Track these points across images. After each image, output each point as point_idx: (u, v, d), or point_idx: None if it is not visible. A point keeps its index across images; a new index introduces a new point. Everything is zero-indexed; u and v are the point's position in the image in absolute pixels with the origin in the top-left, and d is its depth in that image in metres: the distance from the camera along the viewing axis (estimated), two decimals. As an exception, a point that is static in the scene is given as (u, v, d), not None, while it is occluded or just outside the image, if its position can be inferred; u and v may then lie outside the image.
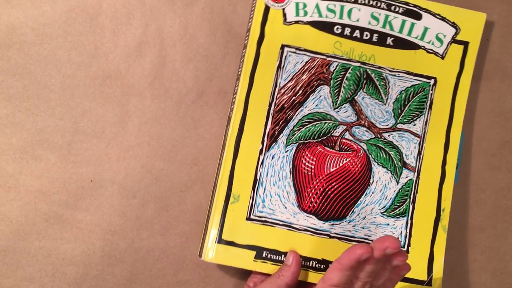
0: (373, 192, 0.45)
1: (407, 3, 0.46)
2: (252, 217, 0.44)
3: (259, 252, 0.43)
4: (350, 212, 0.45)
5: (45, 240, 0.45)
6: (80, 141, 0.46)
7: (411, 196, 0.45)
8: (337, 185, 0.45)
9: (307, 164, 0.45)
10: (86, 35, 0.46)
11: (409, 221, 0.45)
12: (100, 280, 0.46)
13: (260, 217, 0.44)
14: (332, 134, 0.45)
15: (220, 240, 0.43)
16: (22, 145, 0.46)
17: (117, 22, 0.47)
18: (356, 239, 0.44)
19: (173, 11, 0.47)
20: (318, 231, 0.44)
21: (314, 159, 0.45)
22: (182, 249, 0.46)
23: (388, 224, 0.45)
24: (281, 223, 0.44)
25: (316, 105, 0.45)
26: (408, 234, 0.45)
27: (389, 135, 0.45)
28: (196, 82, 0.47)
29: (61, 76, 0.46)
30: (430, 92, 0.46)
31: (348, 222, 0.44)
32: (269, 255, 0.43)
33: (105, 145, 0.46)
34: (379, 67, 0.45)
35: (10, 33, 0.45)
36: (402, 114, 0.46)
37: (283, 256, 0.43)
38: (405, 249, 0.45)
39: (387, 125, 0.45)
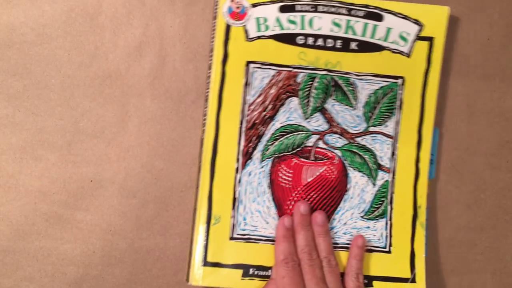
0: (351, 197, 0.45)
1: (366, 6, 0.45)
2: (235, 236, 0.44)
3: (246, 270, 0.43)
4: (331, 220, 0.45)
5: (45, 240, 0.45)
6: (80, 141, 0.46)
7: (388, 197, 0.45)
8: (315, 195, 0.45)
9: (284, 177, 0.45)
10: (86, 35, 0.46)
11: (389, 222, 0.45)
12: (100, 280, 0.46)
13: (243, 235, 0.44)
14: (306, 145, 0.45)
15: (205, 263, 0.43)
16: (22, 145, 0.46)
17: (117, 22, 0.46)
18: (339, 245, 0.45)
19: (173, 11, 0.47)
20: None
21: (291, 171, 0.45)
22: (182, 249, 0.46)
23: (368, 227, 0.45)
24: (264, 238, 0.44)
25: (287, 117, 0.45)
26: (388, 234, 0.45)
27: (362, 139, 0.45)
28: (196, 82, 0.47)
29: (61, 76, 0.46)
30: (399, 92, 0.46)
31: (330, 230, 0.45)
32: (256, 272, 0.43)
33: (105, 145, 0.46)
34: (346, 73, 0.45)
35: (10, 33, 0.45)
36: (373, 117, 0.45)
37: (269, 271, 0.43)
38: (387, 249, 0.45)
39: (359, 130, 0.45)
